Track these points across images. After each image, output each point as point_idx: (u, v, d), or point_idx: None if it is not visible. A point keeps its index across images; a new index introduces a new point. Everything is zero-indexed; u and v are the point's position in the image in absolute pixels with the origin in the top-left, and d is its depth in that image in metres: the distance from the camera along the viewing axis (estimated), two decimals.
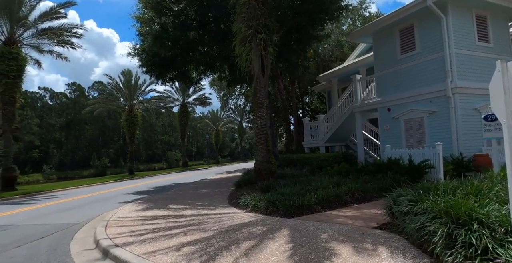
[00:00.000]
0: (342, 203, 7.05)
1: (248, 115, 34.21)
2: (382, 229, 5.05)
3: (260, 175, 10.80)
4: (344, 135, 16.51)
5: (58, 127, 63.30)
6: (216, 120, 63.90)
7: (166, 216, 7.30)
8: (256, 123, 11.20)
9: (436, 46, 10.96)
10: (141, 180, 23.40)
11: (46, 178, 52.74)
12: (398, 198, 4.93)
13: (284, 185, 8.46)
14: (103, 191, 15.98)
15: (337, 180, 8.18)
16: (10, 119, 17.34)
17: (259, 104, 11.09)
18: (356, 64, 17.72)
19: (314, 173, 12.61)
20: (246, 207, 7.45)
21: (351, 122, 15.32)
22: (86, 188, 19.23)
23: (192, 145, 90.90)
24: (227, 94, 32.74)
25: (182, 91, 42.36)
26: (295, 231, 5.20)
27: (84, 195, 14.57)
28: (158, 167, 71.04)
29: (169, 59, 14.33)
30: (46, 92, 63.63)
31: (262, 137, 11.00)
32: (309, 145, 18.03)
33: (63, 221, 8.30)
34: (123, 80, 30.67)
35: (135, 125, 30.03)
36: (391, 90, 12.56)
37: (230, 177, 19.54)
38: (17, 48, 17.63)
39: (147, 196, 12.31)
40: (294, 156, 14.68)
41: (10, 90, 17.22)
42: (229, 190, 11.66)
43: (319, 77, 21.18)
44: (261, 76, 11.03)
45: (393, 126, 12.49)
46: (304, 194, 6.98)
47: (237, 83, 22.94)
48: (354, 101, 14.61)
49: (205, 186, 14.50)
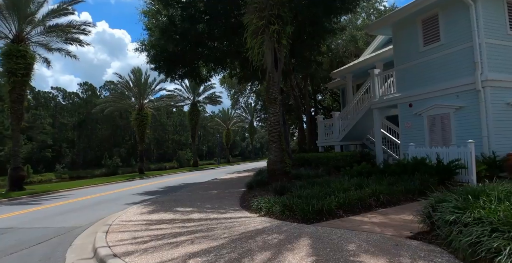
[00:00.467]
0: (365, 207, 6.36)
1: (260, 114, 33.59)
2: (418, 240, 4.36)
3: (274, 175, 10.17)
4: (360, 133, 15.71)
5: (70, 127, 63.83)
6: (226, 119, 63.46)
7: (172, 220, 6.73)
8: (269, 121, 10.56)
9: (463, 36, 10.11)
10: (151, 180, 23.02)
11: (59, 177, 53.14)
12: (438, 204, 4.23)
13: (301, 186, 7.81)
14: (111, 191, 15.58)
15: (359, 181, 7.47)
16: (18, 117, 17.10)
17: (272, 100, 10.44)
18: (373, 59, 16.90)
19: (330, 173, 11.91)
20: (259, 210, 6.82)
21: (369, 119, 14.52)
22: (94, 188, 18.91)
23: (202, 144, 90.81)
24: (237, 92, 32.14)
25: (192, 90, 41.99)
26: (316, 241, 4.55)
27: (91, 196, 14.18)
28: (169, 166, 71.07)
29: (178, 54, 13.79)
30: (58, 92, 64.19)
31: (275, 135, 10.36)
32: (324, 143, 17.28)
33: (65, 224, 7.82)
34: (133, 79, 30.39)
35: (145, 124, 29.72)
36: (413, 85, 11.75)
37: (241, 177, 18.96)
38: (25, 46, 17.37)
39: (155, 197, 11.81)
40: (308, 155, 13.98)
41: (18, 88, 16.98)
42: (240, 191, 11.06)
43: (333, 73, 20.38)
44: (274, 70, 10.39)
45: (415, 123, 11.68)
46: (323, 197, 6.32)
47: (248, 80, 22.39)
48: (371, 97, 13.81)
49: (215, 186, 13.94)
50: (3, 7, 16.84)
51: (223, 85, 33.09)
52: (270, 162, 10.39)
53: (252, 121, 67.68)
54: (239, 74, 21.99)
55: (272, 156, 10.32)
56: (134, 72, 30.19)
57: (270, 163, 10.38)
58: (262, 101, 30.68)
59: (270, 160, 10.41)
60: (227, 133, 59.17)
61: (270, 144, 10.47)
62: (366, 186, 7.08)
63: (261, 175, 12.11)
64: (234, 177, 19.07)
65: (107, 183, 21.19)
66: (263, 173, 13.49)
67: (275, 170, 10.17)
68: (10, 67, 16.65)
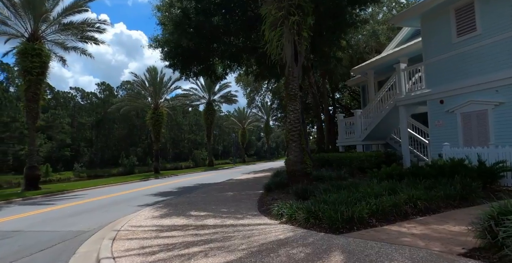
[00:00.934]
0: (401, 215, 5.61)
1: (276, 112, 32.86)
2: (475, 258, 3.61)
3: (294, 177, 9.51)
4: (384, 132, 14.84)
5: (88, 126, 64.79)
6: (242, 118, 62.96)
7: (185, 226, 6.16)
8: (288, 118, 9.89)
9: (503, 25, 9.18)
10: (166, 180, 22.70)
11: (77, 176, 53.92)
12: (502, 216, 3.48)
13: (325, 190, 7.11)
14: (125, 192, 15.24)
15: (391, 185, 6.70)
16: (34, 116, 17.01)
17: (292, 96, 9.77)
18: (396, 53, 15.97)
19: (354, 175, 11.16)
20: (280, 217, 6.17)
21: (393, 117, 13.66)
22: (109, 187, 18.68)
23: (218, 144, 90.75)
24: (253, 90, 31.55)
25: (207, 89, 41.69)
26: (350, 257, 3.87)
27: (105, 196, 13.85)
28: (185, 166, 71.24)
29: (192, 50, 13.28)
30: (77, 92, 65.22)
31: (295, 133, 9.68)
32: (344, 143, 16.47)
33: (73, 227, 7.38)
34: (148, 78, 30.24)
35: (160, 123, 29.52)
36: (444, 80, 10.84)
37: (258, 177, 18.35)
38: (40, 44, 17.27)
39: (168, 198, 11.33)
40: (329, 155, 13.23)
41: (33, 87, 16.88)
42: (257, 194, 10.44)
43: (354, 70, 19.51)
44: (294, 65, 9.71)
45: (446, 121, 10.77)
46: (352, 203, 5.61)
47: (265, 78, 21.74)
48: (397, 93, 12.94)
49: (231, 187, 13.37)
50: (18, 5, 16.77)
51: (238, 84, 32.62)
52: (289, 163, 9.72)
53: (268, 121, 67.05)
54: (256, 71, 21.39)
55: (292, 156, 9.65)
56: (149, 71, 30.05)
57: (289, 164, 9.71)
58: (279, 100, 29.99)
59: (289, 160, 9.75)
60: (242, 132, 58.68)
61: (290, 144, 9.80)
62: (400, 190, 6.32)
63: (279, 177, 11.45)
64: (250, 178, 18.47)
65: (122, 182, 20.97)
66: (281, 174, 12.86)
67: (295, 171, 9.51)
68: (25, 66, 16.56)
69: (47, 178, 48.73)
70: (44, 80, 17.70)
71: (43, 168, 49.75)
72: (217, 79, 20.34)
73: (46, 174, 49.22)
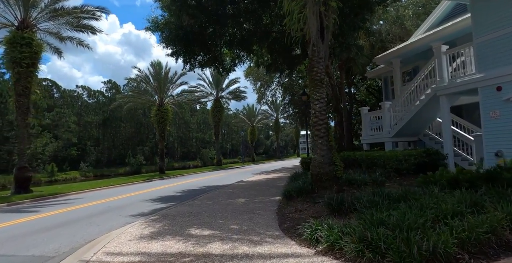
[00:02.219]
0: (502, 245, 3.73)
1: (288, 109, 30.93)
2: None
3: (320, 181, 7.66)
4: (417, 127, 12.88)
5: (95, 125, 63.77)
6: (251, 115, 61.06)
7: (180, 255, 4.37)
8: (313, 109, 8.02)
9: None
10: (171, 181, 21.02)
11: (83, 176, 52.89)
12: None
13: (371, 202, 5.24)
14: (123, 195, 13.57)
15: (470, 197, 4.78)
16: (24, 112, 15.45)
17: (317, 82, 7.90)
18: (429, 38, 13.90)
19: (389, 178, 9.24)
20: (314, 243, 4.33)
21: (430, 109, 11.71)
22: (108, 189, 17.06)
23: (226, 143, 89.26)
24: (264, 85, 29.67)
25: (215, 85, 39.96)
26: None
27: (99, 201, 12.19)
28: (193, 165, 69.85)
29: (196, 34, 11.49)
30: (83, 90, 64.16)
31: (321, 128, 7.83)
32: (369, 140, 14.52)
33: (38, 250, 5.66)
34: (152, 73, 28.54)
35: (165, 121, 27.82)
36: (502, 61, 8.84)
37: (271, 179, 16.51)
38: (30, 33, 15.68)
39: (168, 206, 9.58)
40: (357, 154, 11.33)
41: (23, 80, 15.30)
42: (274, 201, 8.62)
43: (377, 59, 17.47)
44: (320, 42, 7.83)
45: (505, 112, 8.78)
46: (426, 226, 3.76)
47: (277, 69, 19.90)
48: (437, 81, 10.94)
49: (241, 191, 11.56)
50: None
51: (248, 78, 30.74)
52: (315, 164, 7.86)
53: (277, 118, 65.11)
54: (267, 62, 19.59)
55: (318, 156, 7.79)
56: (153, 66, 28.35)
57: (315, 165, 7.85)
58: (291, 95, 28.07)
59: (315, 161, 7.89)
60: (251, 130, 56.77)
61: (315, 140, 7.93)
62: (485, 205, 4.42)
63: (299, 179, 9.59)
64: (262, 179, 16.64)
65: (123, 184, 19.35)
66: (300, 176, 11.04)
67: (322, 175, 7.64)
68: (14, 57, 15.00)
69: (52, 178, 47.76)
70: (36, 72, 16.10)
71: (48, 167, 48.91)
72: (225, 71, 18.59)
73: (52, 174, 48.26)
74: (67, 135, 56.52)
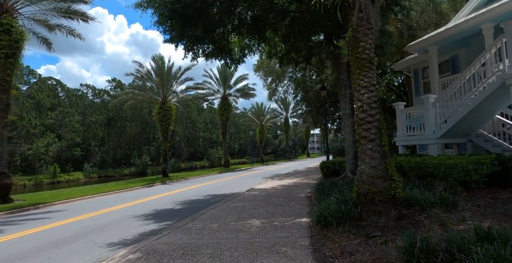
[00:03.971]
0: None
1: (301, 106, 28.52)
2: None
3: (371, 203, 5.37)
4: (470, 126, 10.47)
5: (99, 125, 62.18)
6: (260, 114, 58.69)
7: None
8: (358, 99, 5.75)
9: None
10: (173, 186, 18.88)
11: (87, 177, 51.25)
12: None
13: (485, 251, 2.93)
14: (113, 208, 11.44)
15: None
16: (3, 109, 13.40)
17: (365, 61, 5.61)
18: (476, 19, 11.43)
19: (456, 194, 6.87)
20: None
21: (494, 103, 9.31)
22: (101, 197, 14.99)
23: (234, 142, 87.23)
24: (275, 80, 27.29)
25: (222, 82, 37.80)
26: None
27: (81, 216, 10.06)
28: (200, 166, 67.94)
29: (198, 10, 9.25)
30: (88, 89, 62.58)
31: (371, 127, 5.55)
32: (406, 142, 12.14)
33: None
34: (154, 67, 26.39)
35: (168, 120, 25.63)
36: None
37: (287, 186, 14.21)
38: (10, 18, 13.63)
39: (161, 228, 7.37)
40: (399, 159, 8.97)
41: (1, 72, 13.26)
42: (301, 226, 6.33)
43: (409, 47, 15.07)
44: (369, 4, 5.52)
45: None
46: None
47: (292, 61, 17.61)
48: (508, 66, 8.53)
49: (254, 207, 9.30)
50: None
51: (257, 73, 28.41)
52: (362, 179, 5.55)
53: (287, 117, 62.75)
54: (281, 52, 17.31)
55: (367, 167, 5.49)
56: (155, 60, 26.20)
57: (362, 180, 5.54)
58: (304, 91, 25.68)
59: (362, 174, 5.58)
60: (260, 130, 54.43)
61: (362, 145, 5.63)
62: None
63: (332, 196, 7.28)
64: (276, 187, 14.35)
65: (120, 190, 17.24)
66: (330, 189, 8.76)
67: (373, 194, 5.34)
68: None
69: (55, 179, 46.08)
70: (16, 64, 14.06)
71: (51, 168, 47.27)
72: (233, 63, 16.36)
73: (54, 175, 46.58)
74: (70, 135, 54.98)
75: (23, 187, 41.13)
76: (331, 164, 14.02)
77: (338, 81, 11.36)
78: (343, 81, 11.03)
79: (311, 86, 24.73)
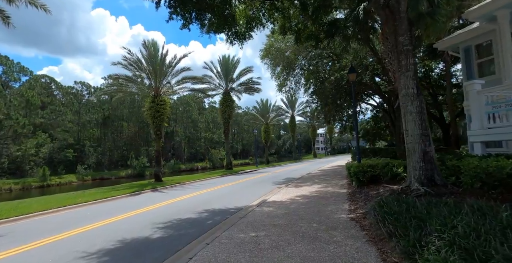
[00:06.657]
0: None
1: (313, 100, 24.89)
2: None
3: None
4: None
5: (94, 124, 58.81)
6: (265, 112, 54.91)
7: None
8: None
9: None
10: (164, 196, 15.35)
11: (80, 179, 47.82)
12: None
13: None
14: (75, 231, 7.94)
15: None
16: None
17: None
18: None
19: None
20: None
21: None
22: (66, 213, 11.48)
23: (237, 142, 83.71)
24: (286, 68, 23.56)
25: (224, 75, 34.25)
26: None
27: (14, 250, 6.55)
28: (201, 167, 64.45)
29: None
30: (82, 87, 59.18)
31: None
32: (488, 137, 8.53)
33: None
34: (146, 55, 22.75)
35: (162, 115, 22.01)
36: None
37: (312, 198, 10.55)
38: None
39: None
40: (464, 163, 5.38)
41: None
42: None
43: (468, 13, 11.48)
44: None
45: None
46: None
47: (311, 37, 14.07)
48: None
49: (276, 244, 5.73)
50: None
51: (264, 60, 24.79)
52: None
53: (293, 115, 59.15)
54: (297, 26, 13.82)
55: None
56: (146, 46, 22.53)
57: None
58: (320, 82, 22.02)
59: None
60: (265, 128, 50.58)
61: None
62: None
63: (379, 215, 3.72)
64: (297, 199, 10.75)
65: (97, 201, 13.72)
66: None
67: None
68: None
69: (44, 183, 42.52)
70: None
71: (39, 171, 43.77)
72: (238, 39, 12.90)
73: (44, 178, 43.05)
74: (63, 135, 51.60)
75: (9, 191, 37.92)
76: (370, 168, 10.42)
77: (393, 47, 7.78)
78: (404, 45, 7.43)
79: (328, 75, 21.10)
